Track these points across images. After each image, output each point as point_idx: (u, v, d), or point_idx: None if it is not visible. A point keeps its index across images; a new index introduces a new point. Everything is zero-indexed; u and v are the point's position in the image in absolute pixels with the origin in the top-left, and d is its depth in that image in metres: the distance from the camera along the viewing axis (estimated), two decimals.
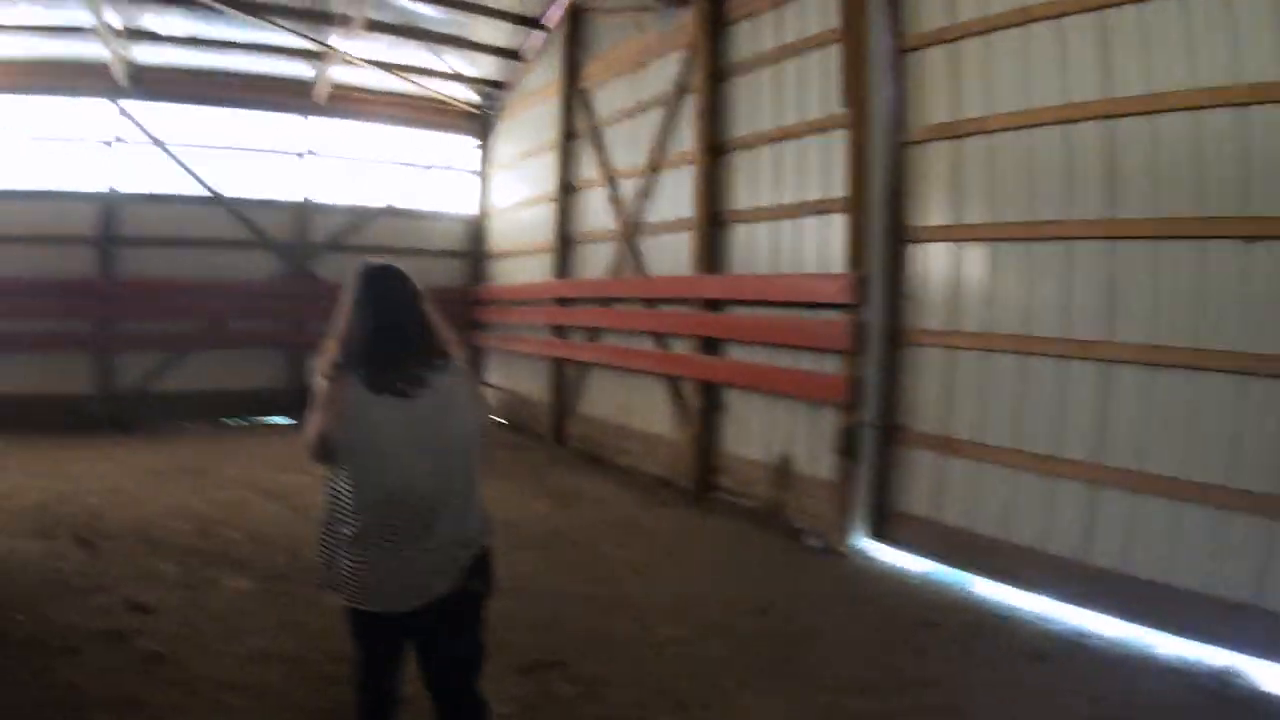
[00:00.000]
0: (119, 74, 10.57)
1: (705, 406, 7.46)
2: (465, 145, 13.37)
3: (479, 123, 13.22)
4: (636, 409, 8.82)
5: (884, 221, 5.81)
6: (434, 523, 2.59)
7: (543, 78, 11.31)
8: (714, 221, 7.49)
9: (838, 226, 6.14)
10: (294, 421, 2.96)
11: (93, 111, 11.01)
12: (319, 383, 2.64)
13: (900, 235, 5.79)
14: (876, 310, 5.78)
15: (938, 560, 5.51)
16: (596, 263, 9.77)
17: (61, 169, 10.89)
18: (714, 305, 7.40)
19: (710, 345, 7.43)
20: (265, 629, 4.44)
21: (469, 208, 13.57)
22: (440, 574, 2.62)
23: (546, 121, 11.11)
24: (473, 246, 13.48)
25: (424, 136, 13.18)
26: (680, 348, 7.95)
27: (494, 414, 12.83)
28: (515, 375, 12.08)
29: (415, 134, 13.10)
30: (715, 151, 7.47)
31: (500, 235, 12.92)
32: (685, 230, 7.92)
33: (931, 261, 5.64)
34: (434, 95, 12.44)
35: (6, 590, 4.84)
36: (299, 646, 4.21)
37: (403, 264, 2.96)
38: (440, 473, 2.61)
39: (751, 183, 7.17)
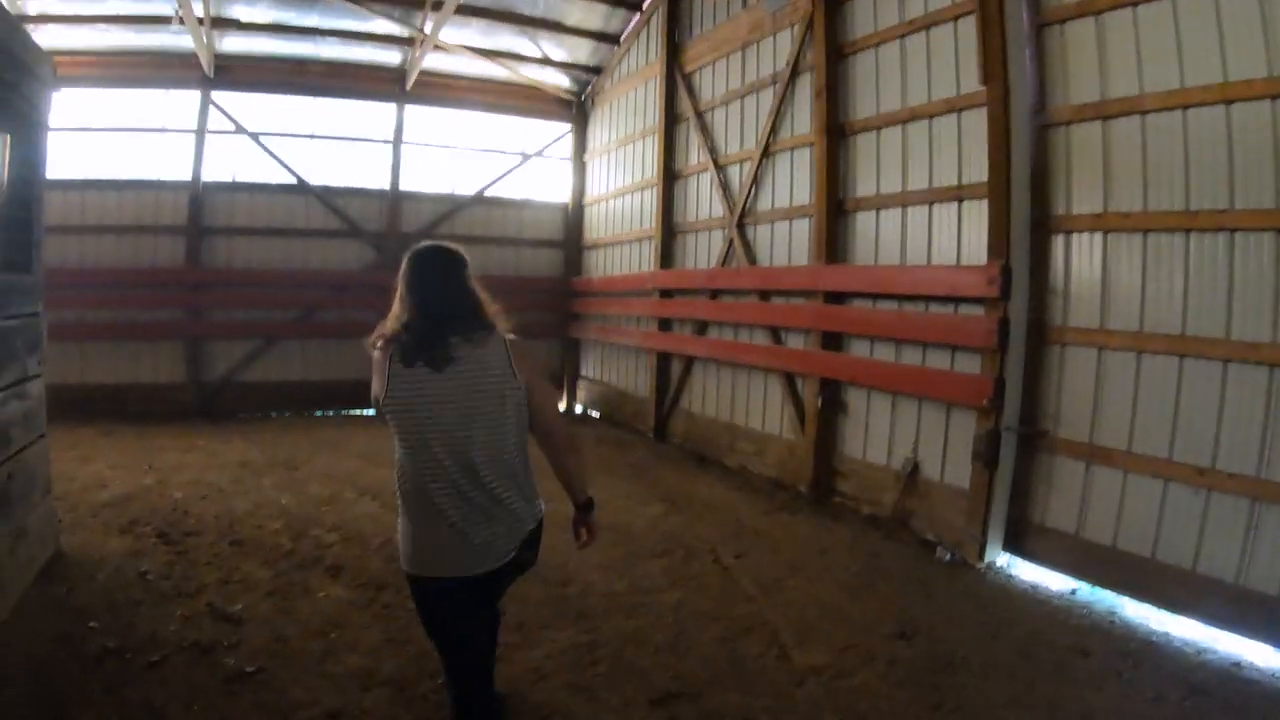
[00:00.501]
0: (206, 64, 11.19)
1: (824, 406, 7.57)
2: (558, 132, 13.74)
3: (572, 109, 13.64)
4: (747, 407, 9.00)
5: (1025, 210, 5.78)
6: (473, 491, 2.89)
7: (639, 61, 11.62)
8: (835, 209, 7.53)
9: (975, 214, 6.14)
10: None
11: (181, 102, 11.67)
12: (371, 353, 2.98)
13: (1043, 225, 5.76)
14: (1019, 306, 5.75)
15: (1079, 578, 5.48)
16: (702, 252, 9.98)
17: (150, 159, 11.61)
18: (835, 298, 7.46)
19: (831, 341, 7.51)
20: (365, 645, 4.39)
21: (562, 196, 13.93)
22: (496, 546, 2.94)
23: (645, 106, 11.43)
24: (567, 236, 13.86)
25: (516, 124, 13.58)
26: (796, 343, 8.08)
27: (590, 405, 13.22)
28: (613, 368, 12.47)
29: (507, 121, 13.51)
30: (835, 134, 7.53)
31: (596, 224, 13.30)
32: (802, 217, 8.06)
33: (1078, 253, 5.59)
34: (526, 81, 12.86)
35: (84, 592, 4.88)
36: (403, 667, 4.13)
37: (495, 253, 3.18)
38: (474, 442, 2.89)
39: (875, 167, 7.21)
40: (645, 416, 11.06)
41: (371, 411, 12.16)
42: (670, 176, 10.61)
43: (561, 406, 3.35)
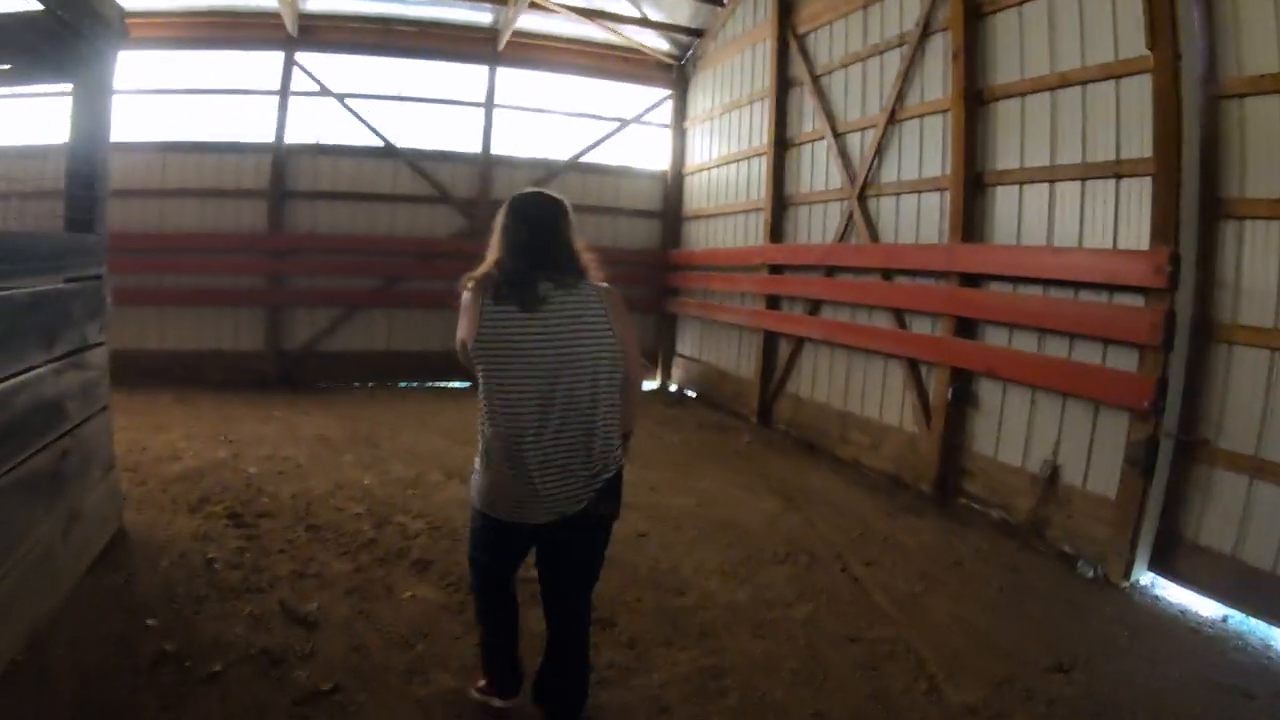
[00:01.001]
0: (289, 23, 11.41)
1: (954, 398, 7.34)
2: (656, 97, 13.68)
3: (672, 73, 13.59)
4: (863, 394, 8.84)
5: (1194, 191, 5.43)
6: (552, 438, 3.07)
7: (747, 22, 11.47)
8: (973, 182, 7.23)
9: (1136, 194, 5.81)
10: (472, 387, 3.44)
11: (264, 63, 11.92)
12: (462, 294, 3.15)
13: (1212, 208, 5.41)
14: (1184, 299, 5.43)
15: (1231, 605, 5.19)
16: (816, 226, 9.81)
17: (232, 122, 11.89)
18: (969, 280, 7.20)
19: (963, 327, 7.27)
20: (457, 662, 4.11)
21: (661, 164, 13.89)
22: (568, 494, 3.12)
23: (753, 70, 11.27)
24: (665, 206, 13.83)
25: (612, 88, 13.57)
26: (921, 327, 7.87)
27: (686, 384, 13.25)
28: (713, 346, 12.44)
29: (603, 85, 13.51)
30: (973, 100, 7.23)
31: (697, 194, 13.22)
32: (933, 191, 7.81)
33: (1251, 242, 5.22)
34: (623, 43, 12.83)
35: (144, 582, 4.68)
36: None
37: (591, 222, 5.77)
38: (561, 388, 3.06)
39: (1019, 138, 6.88)
40: (747, 399, 11.00)
41: (457, 385, 12.49)
42: (782, 145, 10.41)
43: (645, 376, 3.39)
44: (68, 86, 5.25)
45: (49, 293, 4.30)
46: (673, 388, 13.72)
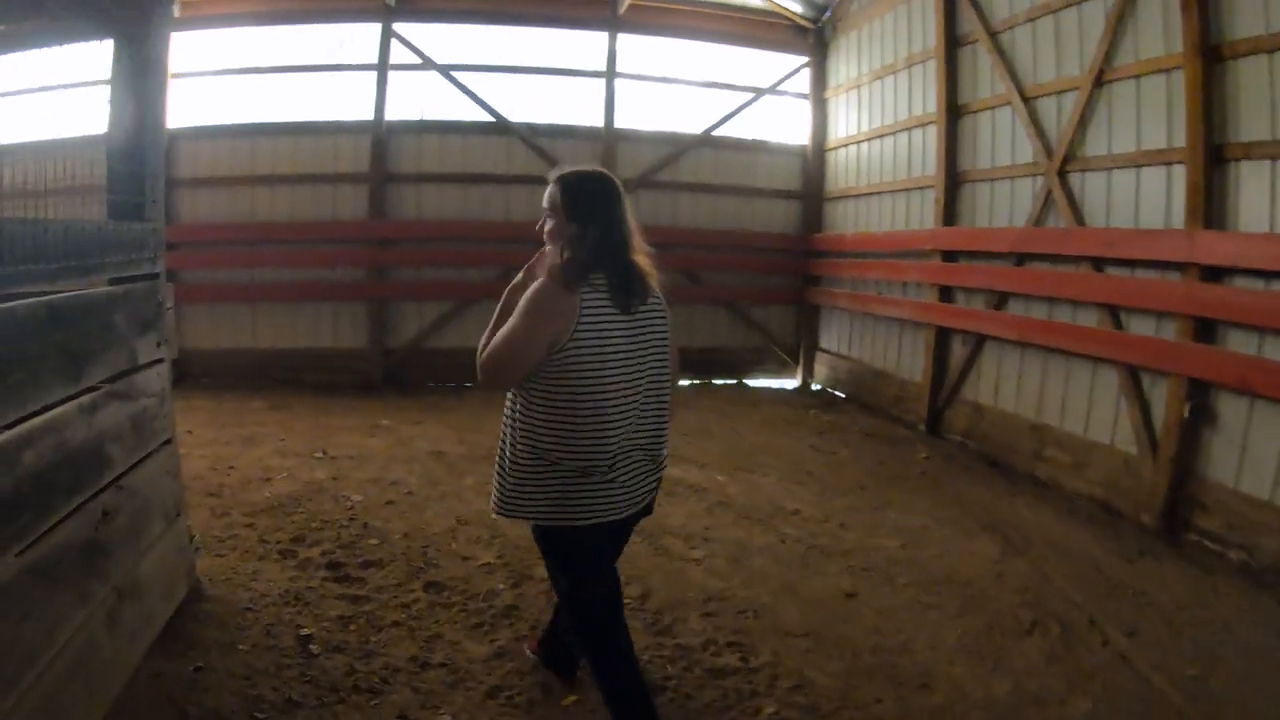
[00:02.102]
0: None
1: (1191, 415, 6.54)
2: (792, 65, 13.14)
3: (809, 38, 13.04)
4: (1063, 404, 8.11)
5: None
6: (636, 444, 3.11)
7: None
8: (1211, 156, 6.39)
9: None
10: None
11: (359, 36, 11.77)
12: (542, 290, 2.95)
13: None
14: None
15: None
16: (1000, 207, 9.10)
17: (327, 100, 11.80)
18: (1209, 274, 6.38)
19: (1202, 329, 6.45)
20: None
21: (799, 139, 13.34)
22: (640, 493, 3.19)
23: (909, 29, 10.68)
24: (805, 185, 13.28)
25: (743, 55, 13.09)
26: (1141, 328, 7.09)
27: (832, 384, 12.85)
28: (866, 342, 11.93)
29: (732, 52, 13.03)
30: (1209, 56, 6.41)
31: (842, 172, 12.66)
32: (1157, 165, 6.98)
33: None
34: (754, 4, 12.45)
35: (218, 676, 3.81)
36: None
37: (726, 204, 8.85)
38: (645, 393, 3.10)
39: (1269, 102, 6.04)
40: (912, 404, 10.42)
41: None
42: (954, 112, 9.71)
43: None
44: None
45: (73, 302, 3.40)
46: (815, 386, 13.25)
